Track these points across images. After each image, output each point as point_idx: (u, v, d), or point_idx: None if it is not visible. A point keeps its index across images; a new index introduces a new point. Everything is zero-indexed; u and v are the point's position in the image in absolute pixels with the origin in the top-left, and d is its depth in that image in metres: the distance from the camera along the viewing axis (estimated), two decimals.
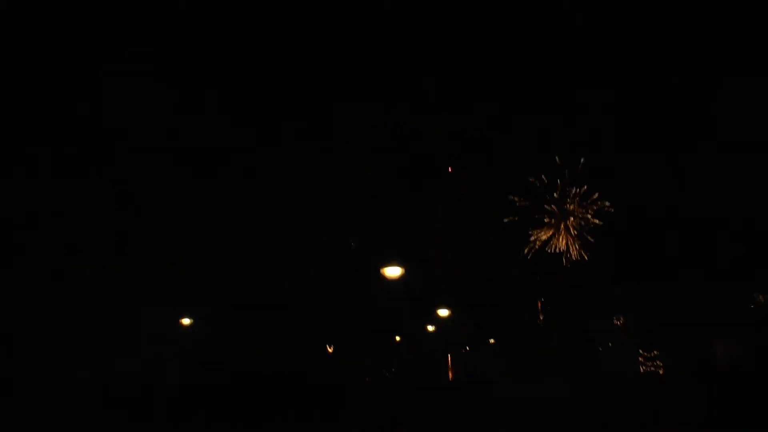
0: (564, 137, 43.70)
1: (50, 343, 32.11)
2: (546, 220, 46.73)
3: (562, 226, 46.25)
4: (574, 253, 46.09)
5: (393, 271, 23.00)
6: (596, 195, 45.14)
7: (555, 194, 46.35)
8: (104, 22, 34.85)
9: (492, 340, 51.96)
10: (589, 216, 45.58)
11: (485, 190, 46.47)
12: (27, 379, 27.58)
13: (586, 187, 45.27)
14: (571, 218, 45.94)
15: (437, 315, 39.02)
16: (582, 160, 44.33)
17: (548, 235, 46.60)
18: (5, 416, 19.35)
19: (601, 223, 45.11)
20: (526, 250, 47.10)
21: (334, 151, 41.69)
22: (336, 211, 42.45)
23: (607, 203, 44.81)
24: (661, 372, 43.30)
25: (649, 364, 44.43)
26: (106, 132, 36.47)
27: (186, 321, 38.61)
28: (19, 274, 32.77)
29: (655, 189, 41.08)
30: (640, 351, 44.72)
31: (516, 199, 46.63)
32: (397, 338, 46.63)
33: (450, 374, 52.21)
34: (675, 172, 39.96)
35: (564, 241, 46.15)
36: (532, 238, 46.80)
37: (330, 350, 45.25)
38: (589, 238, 45.69)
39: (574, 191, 45.63)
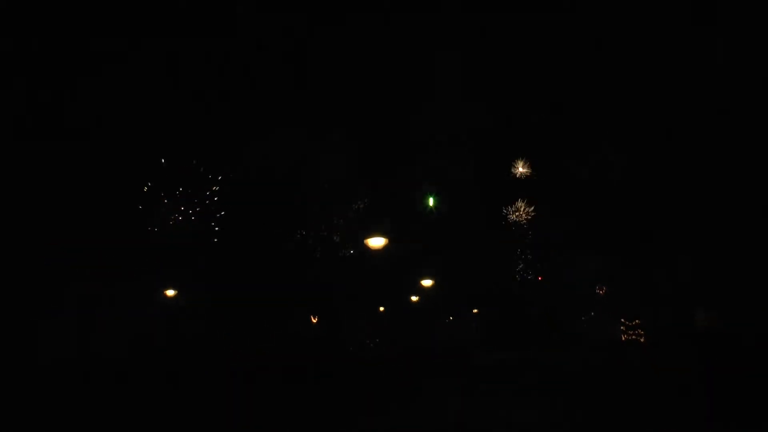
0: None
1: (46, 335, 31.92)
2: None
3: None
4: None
5: (377, 242, 22.94)
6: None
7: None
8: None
9: (475, 310, 52.42)
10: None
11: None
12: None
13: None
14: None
15: (421, 285, 39.09)
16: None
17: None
18: None
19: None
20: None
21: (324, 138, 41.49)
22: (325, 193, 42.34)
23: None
24: (642, 340, 43.85)
25: (631, 332, 44.94)
26: (102, 123, 35.97)
27: (170, 292, 38.46)
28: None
29: (638, 162, 41.33)
30: (622, 320, 45.23)
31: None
32: (381, 309, 46.82)
33: (433, 343, 52.62)
34: (661, 149, 40.15)
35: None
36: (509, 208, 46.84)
37: (314, 320, 45.36)
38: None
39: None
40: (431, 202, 41.98)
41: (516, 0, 40.72)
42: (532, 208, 47.47)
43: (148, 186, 38.43)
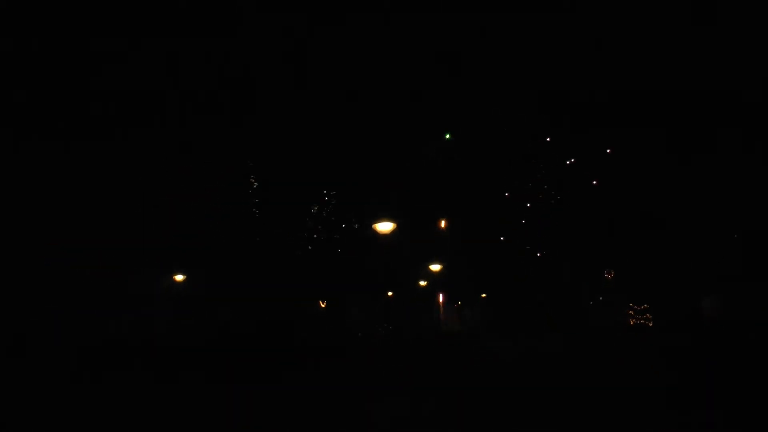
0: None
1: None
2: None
3: None
4: None
5: (385, 227, 22.99)
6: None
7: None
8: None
9: (484, 295, 52.47)
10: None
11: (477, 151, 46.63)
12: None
13: None
14: None
15: (429, 270, 39.19)
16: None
17: None
18: None
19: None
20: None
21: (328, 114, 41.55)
22: (330, 168, 42.37)
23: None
24: (650, 325, 43.86)
25: (639, 317, 44.92)
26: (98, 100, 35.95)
27: (179, 277, 38.69)
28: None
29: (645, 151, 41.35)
30: (630, 304, 45.20)
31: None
32: (390, 293, 46.96)
33: (442, 327, 52.76)
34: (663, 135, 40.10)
35: None
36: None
37: (323, 305, 45.56)
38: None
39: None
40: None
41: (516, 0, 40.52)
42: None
43: (161, 183, 38.57)
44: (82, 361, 24.86)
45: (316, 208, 43.68)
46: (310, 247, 43.25)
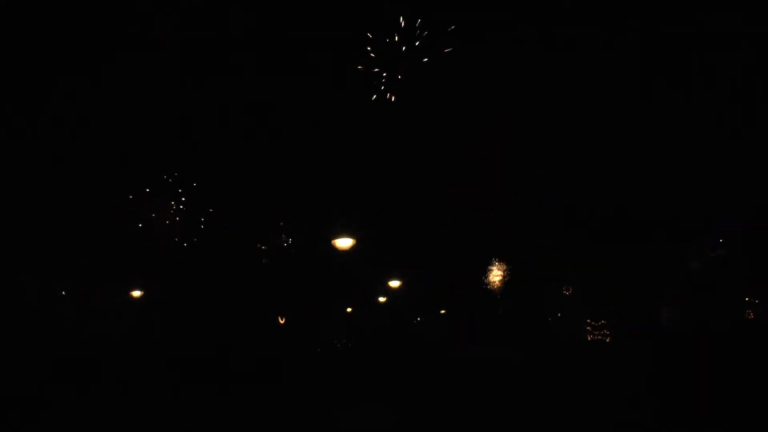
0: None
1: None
2: None
3: None
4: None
5: (344, 243, 22.82)
6: None
7: None
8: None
9: (443, 311, 52.57)
10: None
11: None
12: None
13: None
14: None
15: (389, 286, 39.07)
16: None
17: None
18: None
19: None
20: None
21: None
22: (283, 187, 41.93)
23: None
24: (608, 340, 44.36)
25: (597, 332, 45.40)
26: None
27: (136, 293, 38.01)
28: None
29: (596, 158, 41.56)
30: (588, 320, 45.68)
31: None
32: (349, 309, 46.70)
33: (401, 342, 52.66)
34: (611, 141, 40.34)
35: None
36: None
37: (281, 322, 45.08)
38: None
39: None
40: None
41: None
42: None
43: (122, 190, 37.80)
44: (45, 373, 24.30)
45: (274, 224, 43.25)
46: (267, 262, 42.77)
